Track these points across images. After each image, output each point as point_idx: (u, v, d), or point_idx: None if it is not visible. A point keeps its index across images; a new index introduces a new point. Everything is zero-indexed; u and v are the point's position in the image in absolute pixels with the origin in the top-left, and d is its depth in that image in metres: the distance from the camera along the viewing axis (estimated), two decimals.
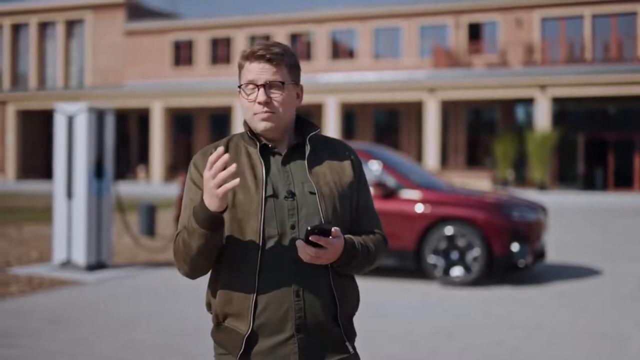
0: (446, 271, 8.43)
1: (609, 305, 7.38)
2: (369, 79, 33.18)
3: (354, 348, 2.19)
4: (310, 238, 1.93)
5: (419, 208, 8.61)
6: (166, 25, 40.24)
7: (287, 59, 2.16)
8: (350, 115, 35.79)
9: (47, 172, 39.00)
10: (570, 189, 31.00)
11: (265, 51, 2.12)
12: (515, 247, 8.36)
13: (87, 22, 41.68)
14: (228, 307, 2.11)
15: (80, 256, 8.92)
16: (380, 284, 8.55)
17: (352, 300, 2.21)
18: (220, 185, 1.93)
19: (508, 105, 33.62)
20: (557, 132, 29.59)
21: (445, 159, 33.83)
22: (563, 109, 32.13)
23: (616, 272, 9.48)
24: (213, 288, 2.17)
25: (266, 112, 2.12)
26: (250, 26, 38.31)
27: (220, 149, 1.96)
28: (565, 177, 32.23)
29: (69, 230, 8.99)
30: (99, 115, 9.16)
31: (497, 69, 32.94)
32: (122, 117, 39.25)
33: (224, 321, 2.14)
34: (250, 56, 2.14)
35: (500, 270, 8.45)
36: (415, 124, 34.85)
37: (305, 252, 1.97)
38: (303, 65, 36.94)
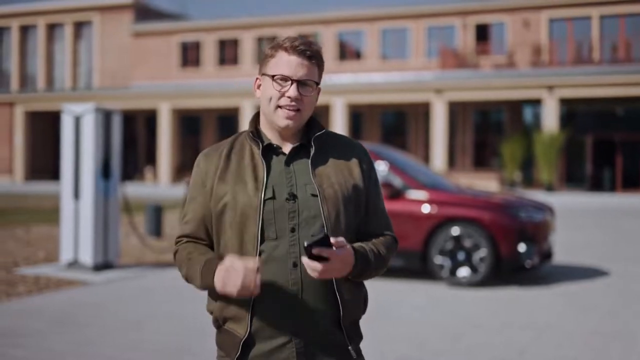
0: (453, 272, 8.41)
1: (617, 306, 7.34)
2: (376, 80, 33.15)
3: (357, 352, 2.14)
4: (313, 252, 1.86)
5: (426, 208, 8.59)
6: (173, 27, 40.30)
7: (321, 59, 2.13)
8: (357, 116, 35.77)
9: (55, 173, 39.09)
10: (578, 190, 30.90)
11: (307, 47, 2.07)
12: (522, 247, 8.33)
13: (95, 23, 41.80)
14: (226, 311, 2.10)
15: (87, 256, 8.94)
16: (387, 284, 8.53)
17: (359, 303, 2.16)
18: (239, 290, 1.94)
19: (515, 106, 33.54)
20: (565, 133, 29.50)
21: (452, 160, 33.77)
22: (571, 110, 32.03)
23: (624, 273, 9.44)
24: (213, 292, 2.14)
25: (293, 108, 2.07)
26: (257, 27, 38.33)
27: (256, 275, 1.94)
28: (572, 178, 32.12)
29: (76, 230, 9.01)
30: (106, 116, 9.18)
31: (504, 69, 32.86)
32: (130, 118, 39.35)
33: (224, 324, 2.13)
34: (289, 48, 2.07)
35: (507, 270, 8.42)
36: (423, 125, 34.80)
37: (312, 269, 1.90)
38: None
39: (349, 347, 2.11)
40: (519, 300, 7.68)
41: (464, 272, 8.38)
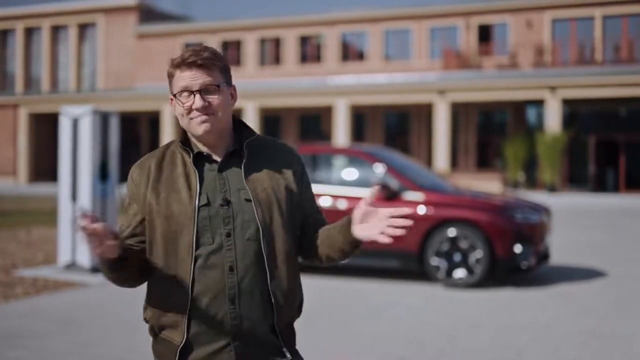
0: (449, 273, 8.41)
1: (615, 306, 7.33)
2: (379, 81, 33.15)
3: (292, 352, 2.18)
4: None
5: (422, 210, 8.59)
6: (177, 28, 40.39)
7: (218, 61, 2.15)
8: (360, 117, 35.77)
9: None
10: (581, 191, 30.84)
11: (196, 57, 2.10)
12: (518, 248, 8.33)
13: (99, 25, 41.91)
14: (162, 319, 2.11)
15: (84, 258, 8.97)
16: (383, 286, 8.54)
17: (293, 308, 2.19)
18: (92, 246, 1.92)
19: (518, 107, 33.51)
20: (568, 134, 29.46)
21: (455, 161, 33.75)
22: (573, 111, 31.99)
23: (623, 273, 9.42)
24: (148, 301, 2.17)
25: (204, 115, 2.10)
26: (261, 29, 38.39)
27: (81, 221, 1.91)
28: (575, 179, 32.07)
29: (74, 232, 9.03)
30: (103, 118, 9.21)
31: (507, 70, 32.84)
32: (133, 119, 39.44)
33: (160, 333, 2.14)
34: (181, 64, 2.11)
35: (503, 272, 8.42)
36: (426, 126, 34.79)
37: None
38: (313, 67, 37.28)
39: (283, 349, 2.14)
40: (516, 301, 7.68)
41: (460, 273, 8.38)
